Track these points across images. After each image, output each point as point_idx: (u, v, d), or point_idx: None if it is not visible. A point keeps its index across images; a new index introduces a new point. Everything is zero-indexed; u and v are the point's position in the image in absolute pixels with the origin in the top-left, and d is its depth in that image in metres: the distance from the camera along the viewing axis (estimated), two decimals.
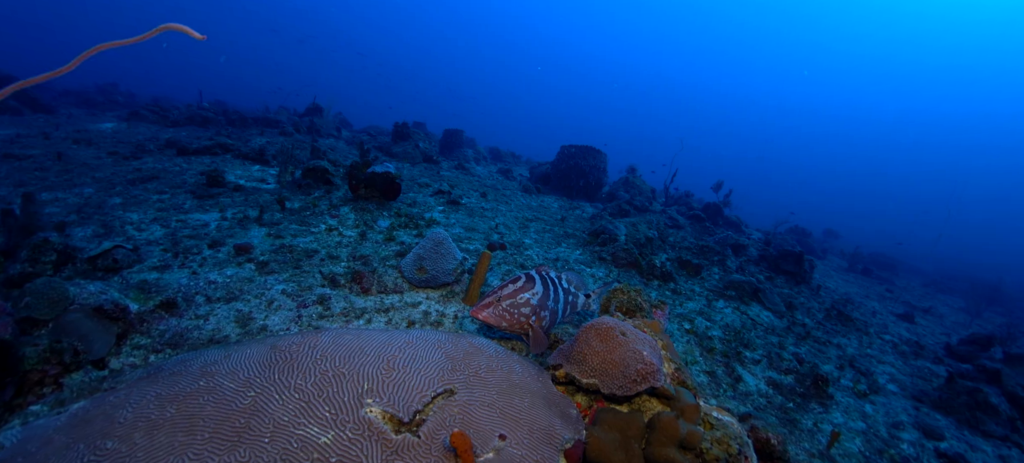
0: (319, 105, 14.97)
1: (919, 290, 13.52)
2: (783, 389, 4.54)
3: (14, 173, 5.79)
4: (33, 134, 7.77)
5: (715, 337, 5.07)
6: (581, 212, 8.93)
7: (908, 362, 6.45)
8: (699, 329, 5.09)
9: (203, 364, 1.79)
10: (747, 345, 5.19)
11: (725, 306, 6.21)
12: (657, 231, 7.78)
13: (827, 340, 6.29)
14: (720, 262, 8.03)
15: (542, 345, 2.60)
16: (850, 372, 5.48)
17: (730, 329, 5.44)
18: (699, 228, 10.69)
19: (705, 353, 4.59)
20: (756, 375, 4.66)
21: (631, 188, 11.50)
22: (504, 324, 2.47)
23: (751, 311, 6.35)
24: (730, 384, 4.21)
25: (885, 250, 19.12)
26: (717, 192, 14.68)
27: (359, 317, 3.31)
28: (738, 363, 4.70)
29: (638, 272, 5.93)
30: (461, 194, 7.81)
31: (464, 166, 11.49)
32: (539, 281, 2.66)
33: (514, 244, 5.73)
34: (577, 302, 3.07)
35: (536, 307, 2.56)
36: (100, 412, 1.63)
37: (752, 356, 5.03)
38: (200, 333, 3.01)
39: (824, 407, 4.48)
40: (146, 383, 1.76)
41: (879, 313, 9.00)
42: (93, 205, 4.97)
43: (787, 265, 8.98)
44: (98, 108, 12.10)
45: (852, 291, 10.53)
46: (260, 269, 3.89)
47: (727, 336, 5.21)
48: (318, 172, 6.55)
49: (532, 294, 2.56)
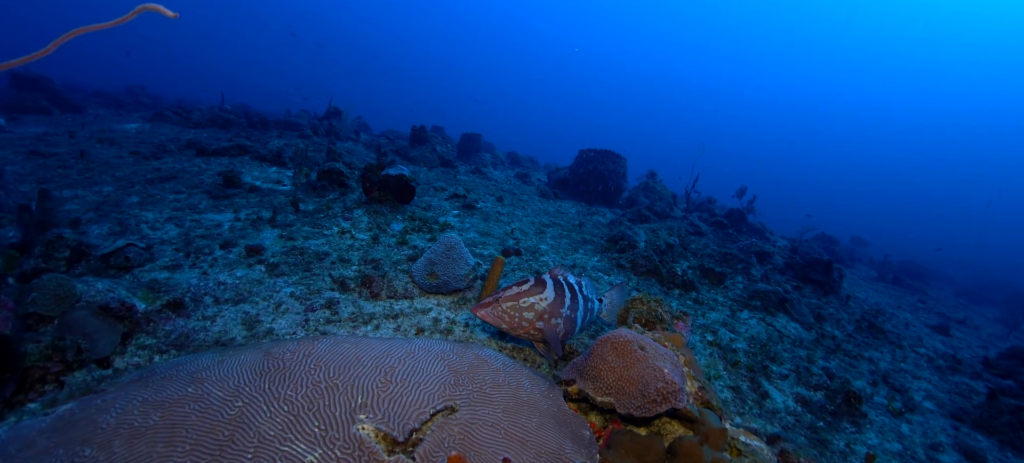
0: (338, 108, 15.08)
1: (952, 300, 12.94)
2: (813, 406, 4.29)
3: (38, 170, 5.89)
4: (59, 133, 7.95)
5: (740, 350, 4.84)
6: (599, 218, 8.74)
7: (945, 377, 6.09)
8: (723, 341, 4.87)
9: (195, 369, 1.70)
10: (774, 359, 4.94)
11: (750, 317, 5.95)
12: (678, 238, 7.55)
13: (858, 354, 5.98)
14: (744, 270, 7.75)
15: (553, 354, 2.51)
16: (884, 388, 5.18)
17: (755, 341, 5.20)
18: (722, 235, 10.39)
19: (729, 367, 4.37)
20: (784, 391, 4.41)
21: (651, 193, 11.25)
22: (504, 325, 2.41)
23: (777, 322, 6.08)
24: (756, 401, 3.98)
25: (915, 257, 18.40)
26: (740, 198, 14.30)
27: (367, 323, 3.21)
28: (764, 378, 4.46)
29: (658, 280, 5.72)
30: (477, 198, 7.71)
31: (481, 170, 11.41)
32: (551, 286, 2.52)
33: (530, 250, 5.59)
34: (593, 309, 2.90)
35: (542, 312, 2.45)
36: (85, 416, 1.54)
37: (779, 370, 4.78)
38: (206, 335, 2.95)
39: (857, 426, 4.21)
40: (136, 387, 1.67)
41: (912, 325, 8.58)
42: (111, 203, 5.00)
43: (815, 274, 8.64)
44: (125, 109, 12.39)
45: (883, 301, 10.09)
46: (270, 271, 3.83)
47: (752, 349, 4.97)
48: (333, 174, 6.52)
49: (539, 299, 2.45)
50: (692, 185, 12.52)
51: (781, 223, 15.03)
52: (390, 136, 15.79)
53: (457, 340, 3.11)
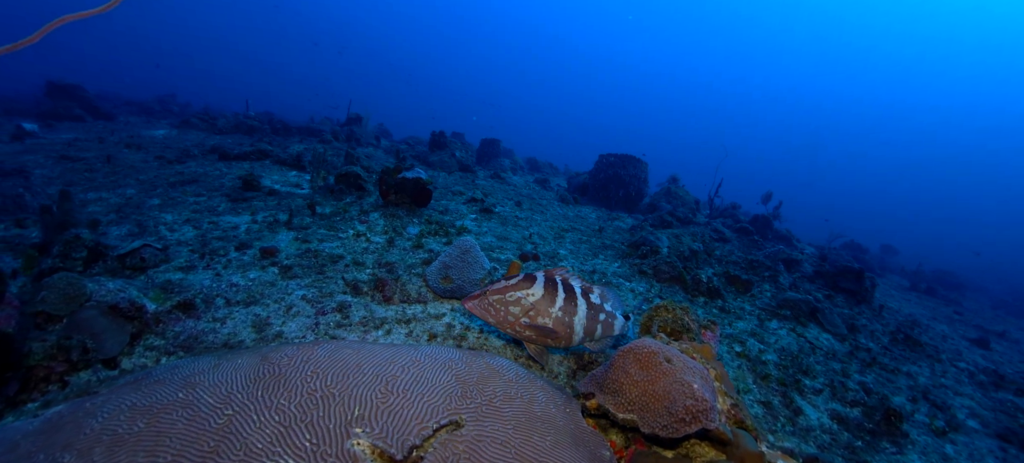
0: (359, 115, 15.20)
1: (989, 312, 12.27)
2: (849, 424, 4.01)
3: (66, 173, 6.01)
4: (90, 139, 8.15)
5: (770, 362, 4.58)
6: (620, 223, 8.53)
7: (988, 394, 5.69)
8: (751, 352, 4.62)
9: (189, 373, 1.61)
10: (806, 372, 4.67)
11: (779, 327, 5.67)
12: (702, 244, 7.30)
13: (896, 368, 5.63)
14: (772, 278, 7.44)
15: (540, 357, 2.44)
16: (924, 405, 4.85)
17: (786, 353, 4.93)
18: (747, 242, 10.05)
19: (759, 380, 4.13)
20: (818, 407, 4.14)
21: (673, 199, 10.97)
22: (490, 319, 2.36)
23: (809, 333, 5.78)
24: (788, 417, 3.74)
25: (948, 266, 17.58)
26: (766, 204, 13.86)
27: (378, 328, 3.11)
28: (796, 392, 4.20)
29: (682, 287, 5.50)
30: (495, 202, 7.60)
31: (500, 175, 11.31)
32: (541, 283, 2.41)
33: (548, 255, 5.44)
34: (613, 324, 2.60)
35: (529, 309, 2.34)
36: (72, 419, 1.46)
37: (812, 385, 4.51)
38: (215, 337, 2.89)
39: (897, 447, 3.92)
40: (128, 390, 1.58)
41: (950, 337, 8.11)
42: (132, 205, 5.05)
43: (846, 283, 8.26)
44: (154, 117, 12.72)
45: (917, 312, 9.60)
46: (283, 273, 3.77)
47: (783, 361, 4.71)
48: (351, 177, 6.49)
49: (526, 294, 2.36)
50: (715, 190, 12.18)
51: (803, 230, 14.51)
52: (410, 142, 15.85)
53: (470, 347, 2.98)
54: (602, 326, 2.55)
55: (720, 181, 12.16)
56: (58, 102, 10.57)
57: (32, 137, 7.64)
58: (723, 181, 12.19)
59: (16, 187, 4.35)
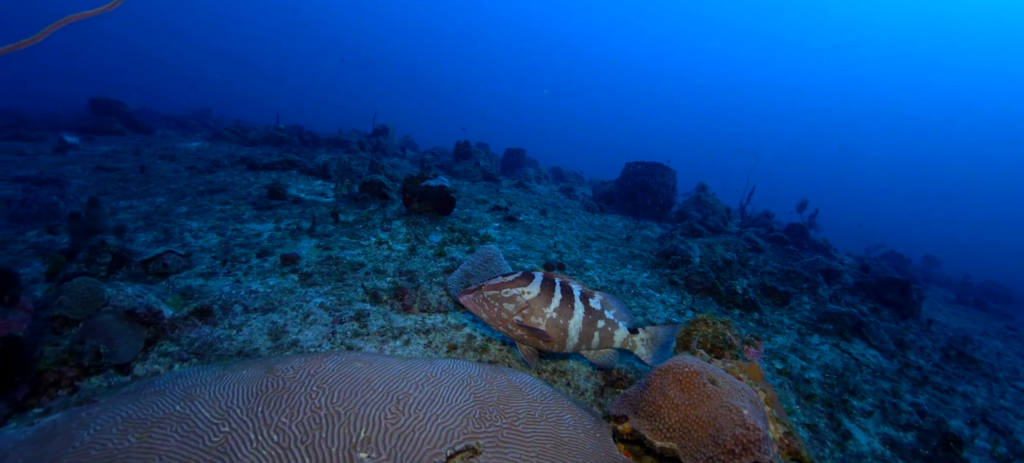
0: (385, 126, 15.37)
1: None
2: (904, 450, 3.67)
3: (101, 183, 6.17)
4: (126, 151, 8.40)
5: (813, 380, 4.26)
6: (648, 232, 8.27)
7: None
8: (793, 370, 4.31)
9: (191, 384, 1.50)
10: (854, 392, 4.32)
11: (821, 342, 5.32)
12: (736, 253, 6.97)
13: (950, 387, 5.20)
14: (810, 290, 7.05)
15: (531, 360, 2.41)
16: (984, 429, 4.43)
17: (831, 371, 4.59)
18: (782, 251, 9.62)
19: (802, 400, 3.83)
20: (868, 431, 3.81)
21: (703, 207, 10.62)
22: (483, 315, 2.35)
23: (854, 349, 5.40)
24: (837, 442, 3.43)
25: (995, 277, 16.49)
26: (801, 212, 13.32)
27: (396, 338, 2.99)
28: (844, 414, 3.87)
29: (716, 299, 5.22)
30: (519, 211, 7.46)
31: (524, 184, 11.19)
32: (538, 283, 2.35)
33: (574, 264, 5.25)
34: (614, 334, 2.43)
35: (522, 307, 2.28)
36: (65, 430, 1.37)
37: (861, 406, 4.17)
38: (231, 344, 2.81)
39: None
40: (126, 400, 1.49)
41: (1005, 354, 7.52)
42: (161, 213, 5.11)
43: (890, 295, 7.78)
44: (190, 130, 13.11)
45: (967, 327, 8.98)
46: (303, 280, 3.70)
47: (828, 379, 4.38)
48: (374, 186, 6.46)
49: (521, 292, 2.31)
50: (747, 198, 11.76)
51: (836, 239, 13.84)
52: (436, 152, 15.91)
53: (492, 359, 2.82)
54: (600, 334, 2.41)
55: (752, 188, 11.74)
56: (100, 117, 10.99)
57: (73, 149, 7.92)
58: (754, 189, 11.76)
59: (51, 195, 4.45)
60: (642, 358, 2.49)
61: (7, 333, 1.98)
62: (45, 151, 7.77)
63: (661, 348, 2.50)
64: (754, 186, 11.91)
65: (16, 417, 2.06)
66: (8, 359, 1.99)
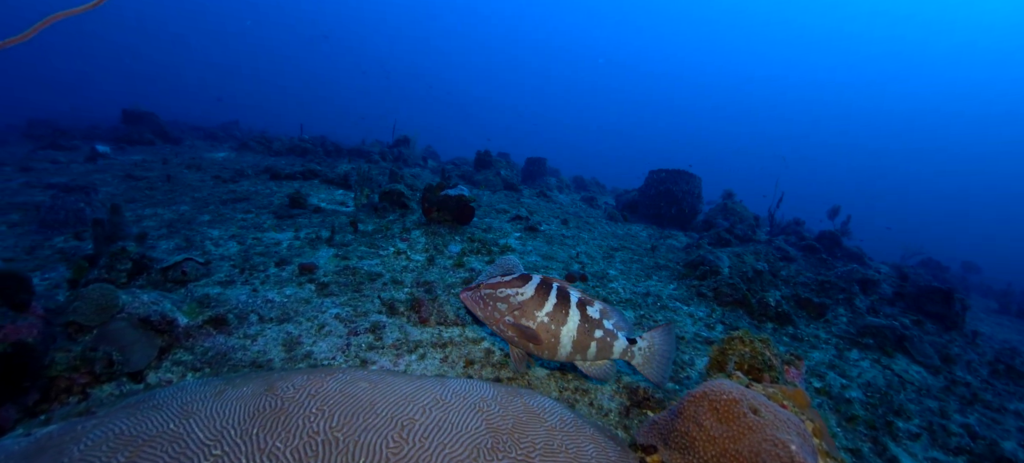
0: (407, 137, 15.47)
1: None
2: None
3: (129, 191, 6.29)
4: (155, 160, 8.60)
5: (855, 400, 3.99)
6: (674, 242, 8.02)
7: None
8: (833, 388, 4.04)
9: (189, 400, 1.42)
10: (899, 412, 4.03)
11: (861, 357, 5.01)
12: (767, 263, 6.69)
13: (1001, 405, 4.83)
14: (847, 301, 6.70)
15: (520, 364, 2.43)
16: None
17: (873, 389, 4.30)
18: (815, 260, 9.22)
19: (843, 422, 3.57)
20: (916, 456, 3.52)
21: (731, 215, 10.30)
22: (479, 312, 2.36)
23: (896, 365, 5.07)
24: None
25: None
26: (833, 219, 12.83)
27: (412, 351, 2.88)
28: (889, 438, 3.60)
29: (747, 312, 4.97)
30: (540, 220, 7.33)
31: (546, 194, 11.05)
32: (533, 285, 2.33)
33: (597, 275, 5.08)
34: (612, 345, 2.33)
35: (515, 308, 2.28)
36: (58, 442, 1.30)
37: (907, 428, 3.87)
38: (244, 354, 2.75)
39: None
40: (123, 413, 1.41)
41: None
42: (184, 221, 5.16)
43: (932, 305, 7.36)
44: (217, 141, 13.42)
45: (1014, 339, 8.43)
46: (320, 290, 3.65)
47: (871, 399, 4.09)
48: (394, 195, 6.43)
49: (516, 293, 2.31)
50: (776, 205, 11.37)
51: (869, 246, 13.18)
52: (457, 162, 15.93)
53: (511, 377, 2.68)
54: (597, 344, 2.31)
55: (781, 195, 11.35)
56: (132, 128, 11.34)
57: (104, 158, 8.15)
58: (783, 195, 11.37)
59: (78, 202, 4.52)
60: (640, 369, 2.37)
61: (16, 338, 1.95)
62: (78, 160, 8.01)
63: (661, 358, 2.37)
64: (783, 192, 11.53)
65: (27, 422, 2.03)
66: (17, 365, 1.95)
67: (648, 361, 2.35)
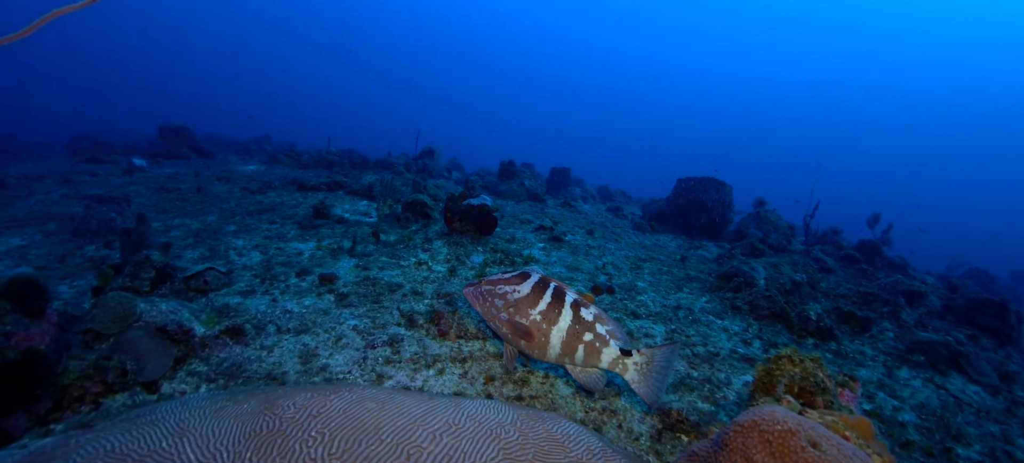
0: (432, 148, 15.56)
1: None
2: None
3: (161, 202, 6.43)
4: (188, 173, 8.82)
5: (909, 423, 3.66)
6: (704, 252, 7.73)
7: None
8: (884, 410, 3.73)
9: (186, 417, 1.33)
10: (957, 437, 3.68)
11: (912, 376, 4.64)
12: (806, 274, 6.35)
13: None
14: (892, 314, 6.28)
15: (510, 363, 2.48)
16: None
17: (928, 411, 3.95)
18: (854, 271, 8.74)
19: (898, 448, 3.26)
20: None
21: (764, 224, 9.90)
22: (478, 307, 2.43)
23: (951, 384, 4.68)
24: None
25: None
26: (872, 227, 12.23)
27: (430, 366, 2.76)
28: None
29: (785, 326, 4.68)
30: (565, 230, 7.16)
31: (570, 204, 10.88)
32: (531, 283, 2.34)
33: (624, 287, 4.89)
34: (601, 351, 2.24)
35: (510, 305, 2.32)
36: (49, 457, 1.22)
37: (968, 455, 3.52)
38: (260, 366, 2.69)
39: None
40: (118, 429, 1.33)
41: None
42: (210, 231, 5.20)
43: (984, 318, 6.83)
44: (249, 155, 13.76)
45: None
46: (339, 301, 3.58)
47: (926, 422, 3.76)
48: (417, 206, 6.38)
49: (512, 289, 2.35)
50: (811, 213, 10.90)
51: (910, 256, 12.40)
52: (481, 173, 15.92)
53: (533, 394, 2.53)
54: (586, 348, 2.25)
55: (816, 203, 10.88)
56: (168, 142, 11.72)
57: (140, 171, 8.40)
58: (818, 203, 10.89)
59: (109, 212, 4.61)
60: (633, 385, 2.23)
61: (28, 346, 1.91)
62: (115, 173, 8.28)
63: (657, 376, 2.23)
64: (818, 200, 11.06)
65: (37, 430, 1.99)
66: (27, 372, 1.91)
67: (644, 378, 2.22)
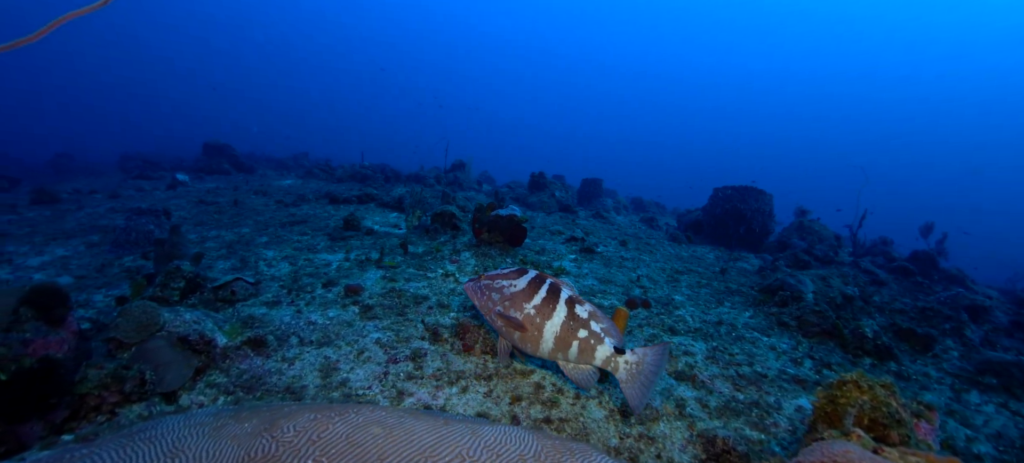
0: (463, 161, 15.62)
1: None
2: None
3: (199, 214, 6.60)
4: (227, 187, 9.09)
5: (986, 456, 3.27)
6: (744, 264, 7.34)
7: None
8: (956, 440, 3.34)
9: (183, 436, 1.23)
10: None
11: (984, 401, 4.18)
12: (858, 288, 5.91)
13: None
14: (955, 332, 5.76)
15: (503, 355, 2.55)
16: None
17: (1005, 442, 3.52)
18: (909, 284, 8.11)
19: None
20: None
21: (808, 234, 9.39)
22: (477, 302, 2.47)
23: None
24: None
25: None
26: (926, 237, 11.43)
27: (453, 383, 2.62)
28: None
29: (839, 345, 4.32)
30: (597, 242, 6.94)
31: (602, 215, 10.63)
32: (528, 280, 2.38)
33: (661, 301, 4.64)
34: (595, 348, 2.25)
35: (506, 299, 2.37)
36: None
37: None
38: (280, 379, 2.61)
39: None
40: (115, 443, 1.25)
41: None
42: (243, 242, 5.27)
43: None
44: (287, 170, 14.15)
45: None
46: (363, 313, 3.50)
47: (1005, 454, 3.34)
48: (446, 217, 6.31)
49: (509, 285, 2.40)
50: (858, 223, 10.27)
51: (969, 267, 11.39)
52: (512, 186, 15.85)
53: (562, 417, 2.34)
54: (579, 344, 2.27)
55: (864, 212, 10.24)
56: (211, 159, 12.16)
57: (182, 186, 8.70)
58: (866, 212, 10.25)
59: (148, 224, 4.72)
60: (622, 386, 2.23)
61: (44, 354, 1.88)
62: (160, 188, 8.60)
63: (647, 379, 2.22)
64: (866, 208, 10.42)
65: (49, 439, 1.95)
66: (42, 380, 1.88)
67: (633, 378, 2.22)
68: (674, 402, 2.70)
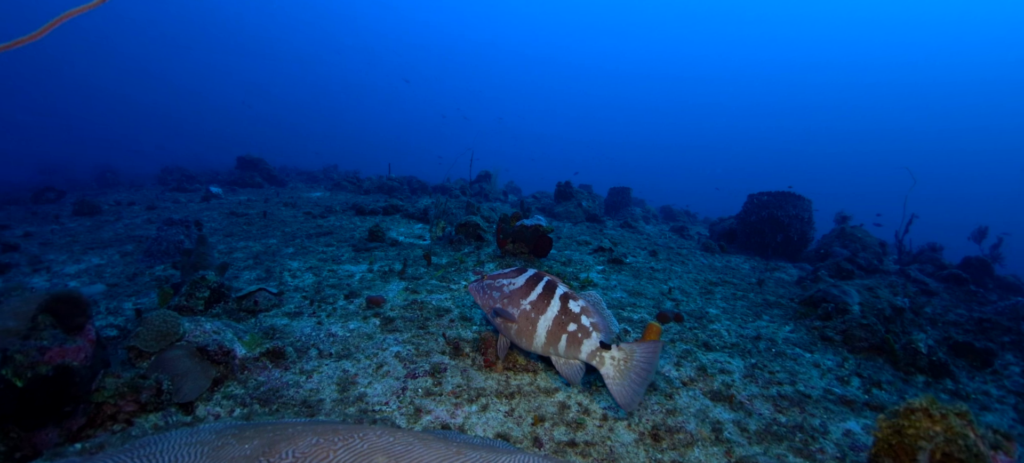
0: (489, 172, 15.62)
1: None
2: None
3: (230, 226, 6.72)
4: (258, 200, 9.29)
5: None
6: (783, 275, 6.99)
7: None
8: None
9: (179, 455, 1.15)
10: None
11: None
12: (908, 298, 5.52)
13: None
14: (1016, 345, 5.30)
15: (502, 351, 2.58)
16: None
17: None
18: (961, 294, 7.54)
19: None
20: None
21: (851, 241, 8.91)
22: (478, 300, 2.52)
23: None
24: None
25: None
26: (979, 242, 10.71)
27: (473, 401, 2.50)
28: None
29: (889, 361, 3.99)
30: (625, 252, 6.74)
31: (631, 224, 10.38)
32: (526, 277, 2.44)
33: (694, 315, 4.41)
34: (582, 342, 2.24)
35: (504, 296, 2.42)
36: None
37: None
38: (297, 391, 2.55)
39: None
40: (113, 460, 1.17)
41: None
42: (270, 253, 5.31)
43: None
44: (316, 182, 14.44)
45: None
46: (384, 325, 3.42)
47: None
48: (470, 227, 6.24)
49: (508, 282, 2.45)
50: (905, 229, 9.70)
51: None
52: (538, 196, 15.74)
53: (588, 440, 2.19)
54: (568, 338, 2.27)
55: (911, 217, 9.67)
56: (244, 172, 12.51)
57: (216, 198, 8.93)
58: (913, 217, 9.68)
59: (178, 234, 4.81)
60: (607, 381, 2.19)
61: (60, 361, 1.86)
62: (195, 200, 8.86)
63: (636, 377, 2.15)
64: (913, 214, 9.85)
65: (62, 447, 1.93)
66: (58, 388, 1.86)
67: (621, 375, 2.18)
68: (710, 426, 2.51)
